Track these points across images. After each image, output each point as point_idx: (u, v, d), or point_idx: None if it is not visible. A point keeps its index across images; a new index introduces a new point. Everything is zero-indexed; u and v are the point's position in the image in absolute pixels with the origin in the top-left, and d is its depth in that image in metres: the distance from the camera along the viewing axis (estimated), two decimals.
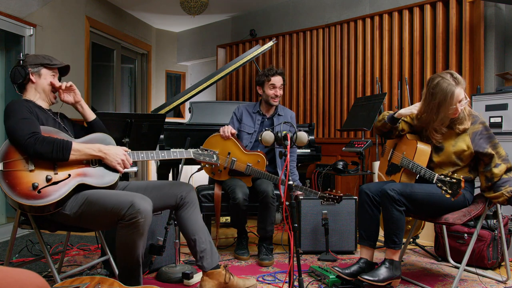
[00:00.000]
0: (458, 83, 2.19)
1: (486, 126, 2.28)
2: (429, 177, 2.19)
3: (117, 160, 1.97)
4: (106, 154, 1.96)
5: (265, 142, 2.37)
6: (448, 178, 2.09)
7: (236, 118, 3.18)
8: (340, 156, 4.33)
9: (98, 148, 1.96)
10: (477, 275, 2.52)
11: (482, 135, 2.24)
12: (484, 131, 2.25)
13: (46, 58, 2.08)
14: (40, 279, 0.97)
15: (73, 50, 4.49)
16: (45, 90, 2.07)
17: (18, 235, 3.43)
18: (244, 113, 3.17)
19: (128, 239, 1.81)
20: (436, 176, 2.14)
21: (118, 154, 1.98)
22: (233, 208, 2.80)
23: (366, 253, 2.40)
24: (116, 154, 1.98)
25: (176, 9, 5.23)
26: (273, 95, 3.09)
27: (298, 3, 5.10)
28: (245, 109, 3.20)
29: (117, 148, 2.02)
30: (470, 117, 2.29)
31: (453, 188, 2.05)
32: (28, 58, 2.06)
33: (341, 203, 3.02)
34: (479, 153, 2.23)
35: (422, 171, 2.23)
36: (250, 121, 3.15)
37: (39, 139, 1.81)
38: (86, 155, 1.93)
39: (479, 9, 3.56)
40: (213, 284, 2.15)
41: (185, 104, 4.33)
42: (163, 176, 3.66)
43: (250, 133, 3.12)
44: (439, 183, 2.11)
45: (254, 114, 3.17)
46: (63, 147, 1.85)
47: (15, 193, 1.76)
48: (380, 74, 4.27)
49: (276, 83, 3.08)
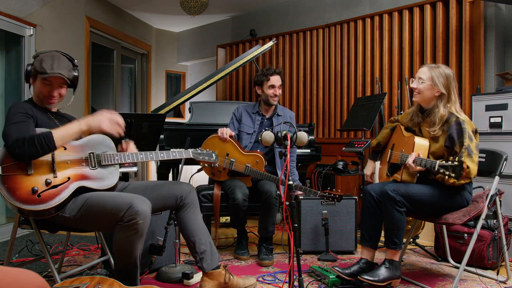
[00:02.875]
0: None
1: (458, 121, 2.24)
2: (431, 165, 2.13)
3: (102, 122, 1.90)
4: (89, 123, 1.90)
5: (265, 142, 2.37)
6: (449, 162, 2.03)
7: (235, 119, 3.18)
8: (340, 156, 4.33)
9: (79, 123, 1.89)
10: (477, 275, 2.51)
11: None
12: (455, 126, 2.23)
13: (41, 62, 1.96)
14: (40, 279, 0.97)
15: (73, 50, 4.49)
16: (39, 96, 2.03)
17: (18, 235, 3.43)
18: (243, 113, 3.18)
19: (126, 241, 1.80)
20: (437, 163, 2.08)
21: (101, 119, 1.91)
22: (232, 208, 2.80)
23: (367, 253, 2.39)
24: (100, 120, 1.91)
25: (176, 9, 5.23)
26: (272, 95, 3.09)
27: (298, 3, 5.10)
28: (244, 109, 3.20)
29: (102, 112, 1.95)
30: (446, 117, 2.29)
31: (456, 170, 2.00)
32: (36, 59, 1.98)
33: (341, 203, 3.03)
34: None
35: (422, 162, 2.18)
36: (250, 121, 3.15)
37: (19, 144, 1.75)
38: (72, 134, 1.88)
39: (479, 9, 3.55)
40: (213, 284, 2.15)
41: (185, 104, 4.33)
42: (163, 176, 3.66)
43: (250, 133, 3.12)
44: (441, 169, 2.05)
45: (253, 114, 3.17)
46: (45, 141, 1.79)
47: (14, 197, 1.75)
48: (380, 74, 4.27)
49: (275, 82, 3.08)
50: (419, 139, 2.33)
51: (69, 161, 1.91)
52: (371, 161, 2.75)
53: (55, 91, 2.01)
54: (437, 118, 2.27)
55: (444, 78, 2.29)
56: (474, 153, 2.16)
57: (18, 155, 1.77)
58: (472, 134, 2.20)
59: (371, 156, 2.75)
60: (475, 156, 2.16)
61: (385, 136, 2.67)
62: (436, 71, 2.31)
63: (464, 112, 3.53)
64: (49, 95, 2.01)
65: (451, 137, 2.21)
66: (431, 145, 2.32)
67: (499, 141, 3.00)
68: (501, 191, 2.43)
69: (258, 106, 3.19)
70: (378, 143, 2.69)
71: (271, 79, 3.08)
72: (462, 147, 2.16)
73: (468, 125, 2.22)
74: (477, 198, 2.35)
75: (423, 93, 2.33)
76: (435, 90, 2.30)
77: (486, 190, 2.44)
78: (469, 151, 2.14)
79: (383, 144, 2.69)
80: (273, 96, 3.10)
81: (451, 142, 2.21)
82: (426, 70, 2.34)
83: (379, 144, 2.69)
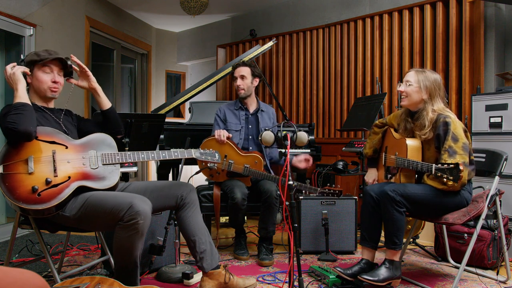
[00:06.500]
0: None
1: (444, 122, 2.25)
2: (427, 169, 2.15)
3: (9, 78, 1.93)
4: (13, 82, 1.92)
5: (265, 142, 2.37)
6: (445, 165, 2.06)
7: (220, 119, 3.17)
8: (340, 156, 4.33)
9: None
10: (477, 275, 2.52)
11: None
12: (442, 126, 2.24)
13: (36, 54, 2.01)
14: (40, 279, 0.97)
15: (73, 50, 4.49)
16: (40, 88, 2.02)
17: (18, 235, 3.43)
18: (227, 112, 3.18)
19: (126, 241, 1.80)
20: (434, 166, 2.10)
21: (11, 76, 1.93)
22: (231, 208, 2.81)
23: (368, 254, 2.39)
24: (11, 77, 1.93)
25: (176, 9, 5.23)
26: (236, 87, 3.11)
27: (298, 3, 5.10)
28: (227, 108, 3.20)
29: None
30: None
31: (453, 173, 2.02)
32: (26, 58, 2.02)
33: (341, 203, 3.03)
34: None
35: (419, 166, 2.20)
36: (235, 118, 3.15)
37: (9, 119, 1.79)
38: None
39: (479, 9, 3.56)
40: (213, 284, 2.15)
41: (185, 104, 4.33)
42: (163, 176, 3.66)
43: (238, 130, 3.12)
44: (438, 172, 2.07)
45: (236, 110, 3.17)
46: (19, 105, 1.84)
47: (15, 196, 1.75)
48: (380, 74, 4.27)
49: (237, 74, 3.11)
50: (411, 140, 2.35)
51: (69, 160, 1.91)
52: (372, 168, 2.71)
53: (57, 77, 2.04)
54: (427, 121, 2.29)
55: (430, 82, 2.33)
56: (460, 153, 2.15)
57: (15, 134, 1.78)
58: (457, 134, 2.19)
59: (370, 163, 2.73)
60: (460, 156, 2.14)
61: (378, 142, 2.66)
62: (423, 75, 2.35)
63: (464, 112, 3.58)
64: (52, 83, 2.02)
65: (439, 137, 2.24)
66: (425, 151, 2.34)
67: (499, 141, 3.00)
68: (501, 191, 2.43)
69: (238, 101, 3.19)
70: (375, 150, 2.67)
71: (235, 71, 3.13)
72: (442, 148, 2.19)
73: (455, 124, 2.22)
74: (477, 198, 2.35)
75: (410, 96, 2.36)
76: (422, 93, 2.33)
77: (486, 190, 2.44)
78: (451, 152, 2.15)
79: (378, 149, 2.68)
80: (237, 88, 3.10)
81: (439, 142, 2.24)
82: (413, 74, 2.38)
83: (376, 151, 2.68)
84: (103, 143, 2.04)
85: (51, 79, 2.02)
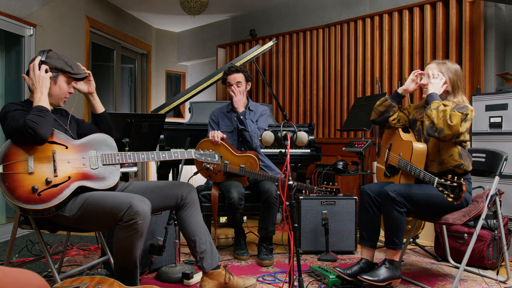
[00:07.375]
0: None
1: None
2: (429, 180, 2.16)
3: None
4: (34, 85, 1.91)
5: (265, 142, 2.36)
6: (448, 182, 2.03)
7: (213, 122, 3.20)
8: (340, 156, 4.33)
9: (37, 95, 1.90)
10: (477, 275, 2.52)
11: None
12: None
13: (68, 64, 2.00)
14: (40, 279, 0.97)
15: (73, 50, 4.49)
16: (58, 96, 2.01)
17: (18, 235, 3.43)
18: (219, 115, 3.20)
19: (126, 241, 1.80)
20: (437, 180, 2.09)
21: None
22: (228, 208, 2.81)
23: (367, 253, 2.40)
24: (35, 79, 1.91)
25: (176, 9, 5.23)
26: (232, 93, 3.10)
27: (298, 3, 5.10)
28: (219, 111, 3.23)
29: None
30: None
31: (455, 192, 2.01)
32: (50, 59, 1.96)
33: (341, 203, 3.03)
34: None
35: (421, 174, 2.20)
36: (227, 120, 3.18)
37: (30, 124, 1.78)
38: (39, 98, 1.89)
39: (479, 9, 3.56)
40: (213, 284, 2.15)
41: (185, 104, 4.33)
42: (163, 176, 3.66)
43: (230, 131, 3.14)
44: (440, 187, 2.07)
45: (228, 113, 3.19)
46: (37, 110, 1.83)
47: (14, 196, 1.75)
48: (380, 74, 4.27)
49: (231, 80, 3.11)
50: (417, 144, 2.32)
51: (69, 161, 1.91)
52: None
53: (72, 89, 2.08)
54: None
55: (453, 73, 2.31)
56: (460, 115, 2.13)
57: (32, 135, 1.77)
58: (469, 118, 2.18)
59: (394, 98, 2.54)
60: (458, 116, 2.12)
61: (397, 117, 2.53)
62: (445, 66, 2.33)
63: None
64: (68, 93, 2.06)
65: None
66: (440, 153, 2.28)
67: (499, 141, 3.00)
68: (501, 191, 2.42)
69: (231, 104, 3.19)
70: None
71: (229, 78, 3.13)
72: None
73: (471, 115, 2.20)
74: (477, 198, 2.35)
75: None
76: (445, 85, 2.31)
77: (486, 190, 2.44)
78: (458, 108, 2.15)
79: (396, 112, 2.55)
80: (234, 95, 3.08)
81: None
82: (435, 66, 2.34)
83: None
84: (103, 144, 2.04)
85: (68, 90, 2.05)
